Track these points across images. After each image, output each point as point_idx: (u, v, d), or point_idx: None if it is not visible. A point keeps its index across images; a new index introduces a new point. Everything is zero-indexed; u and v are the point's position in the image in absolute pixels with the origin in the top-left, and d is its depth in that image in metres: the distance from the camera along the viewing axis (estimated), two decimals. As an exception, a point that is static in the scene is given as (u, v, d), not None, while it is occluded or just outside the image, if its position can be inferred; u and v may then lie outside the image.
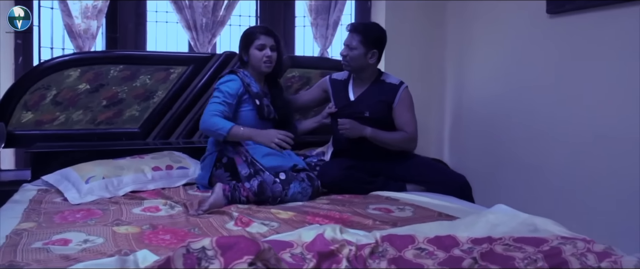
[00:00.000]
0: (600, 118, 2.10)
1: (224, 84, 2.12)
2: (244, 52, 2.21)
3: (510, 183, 2.54)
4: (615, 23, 2.02)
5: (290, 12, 3.33)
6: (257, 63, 2.19)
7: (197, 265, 1.10)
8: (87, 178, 1.98)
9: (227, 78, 2.14)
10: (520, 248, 1.43)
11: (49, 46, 2.91)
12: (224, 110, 2.07)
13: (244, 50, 2.21)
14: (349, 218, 1.71)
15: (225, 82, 2.13)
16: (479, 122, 2.75)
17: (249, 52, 2.19)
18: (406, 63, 2.95)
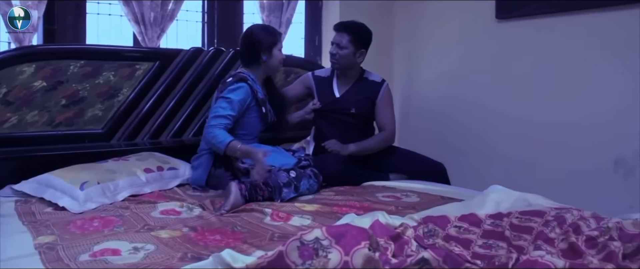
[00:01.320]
0: (543, 112, 2.51)
1: (234, 92, 2.05)
2: (266, 51, 2.14)
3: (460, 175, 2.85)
4: (558, 29, 2.43)
5: (239, 9, 3.29)
6: (276, 65, 2.18)
7: (315, 255, 1.14)
8: (80, 184, 1.80)
9: (238, 86, 2.07)
10: (530, 219, 1.68)
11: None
12: (227, 123, 2.02)
13: (267, 50, 2.14)
14: (370, 206, 1.83)
15: (235, 89, 2.06)
16: (428, 119, 3.02)
17: (272, 52, 2.15)
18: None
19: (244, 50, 2.19)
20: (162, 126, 2.52)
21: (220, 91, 2.11)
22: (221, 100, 2.05)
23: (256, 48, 2.14)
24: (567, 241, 1.43)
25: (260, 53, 2.14)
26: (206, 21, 3.24)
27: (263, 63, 2.16)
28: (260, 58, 2.15)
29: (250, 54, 2.16)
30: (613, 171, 2.28)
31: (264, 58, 2.15)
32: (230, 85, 2.07)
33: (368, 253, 1.14)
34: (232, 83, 2.08)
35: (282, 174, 1.96)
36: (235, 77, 2.10)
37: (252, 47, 2.15)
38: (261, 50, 2.13)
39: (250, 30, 2.20)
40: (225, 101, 2.04)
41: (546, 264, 1.15)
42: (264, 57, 2.14)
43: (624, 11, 2.21)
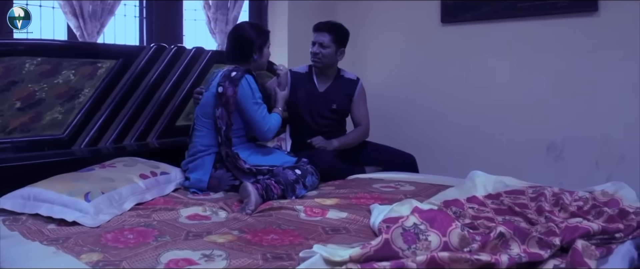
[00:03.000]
0: (483, 106, 2.87)
1: (255, 89, 2.06)
2: (257, 50, 2.11)
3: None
4: (495, 33, 2.80)
5: (178, 5, 3.11)
6: (265, 63, 2.19)
7: (417, 239, 1.23)
8: (84, 196, 1.60)
9: (252, 81, 2.07)
10: (517, 197, 1.95)
11: None
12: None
13: (259, 48, 2.12)
14: (380, 196, 1.94)
15: (253, 84, 2.06)
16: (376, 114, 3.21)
17: (263, 51, 2.14)
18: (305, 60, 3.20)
19: (234, 47, 2.14)
20: (125, 129, 2.32)
21: (227, 87, 2.01)
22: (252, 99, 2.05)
23: (248, 46, 2.11)
24: (567, 211, 1.71)
25: (251, 52, 2.12)
26: (145, 16, 3.02)
27: (253, 62, 2.14)
28: (251, 56, 2.12)
29: (241, 52, 2.12)
30: (545, 154, 2.72)
31: (254, 57, 2.13)
32: (239, 79, 2.02)
33: (461, 232, 1.26)
34: (240, 78, 2.02)
35: (288, 172, 1.97)
36: (239, 70, 2.05)
37: (243, 45, 2.11)
38: (253, 49, 2.11)
39: (241, 29, 2.16)
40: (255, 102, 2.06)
41: (586, 228, 1.39)
42: (255, 56, 2.13)
43: (549, 20, 2.65)
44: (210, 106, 2.04)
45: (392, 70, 3.22)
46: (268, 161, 2.06)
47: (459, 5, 2.86)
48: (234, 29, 2.20)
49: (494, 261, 1.16)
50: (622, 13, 2.43)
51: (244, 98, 2.01)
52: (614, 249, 1.40)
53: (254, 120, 2.04)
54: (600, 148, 2.55)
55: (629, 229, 1.49)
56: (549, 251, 1.32)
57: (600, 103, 2.54)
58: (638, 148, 2.44)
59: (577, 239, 1.35)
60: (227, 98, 1.98)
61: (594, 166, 2.58)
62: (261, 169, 2.02)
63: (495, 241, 1.29)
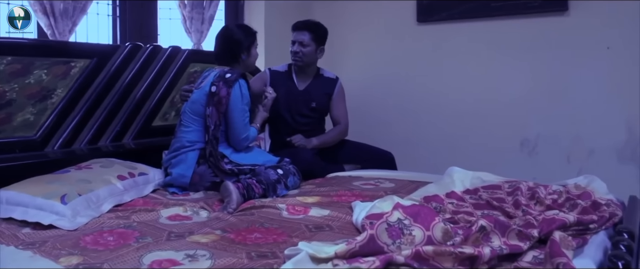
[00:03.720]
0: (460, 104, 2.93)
1: (246, 96, 2.07)
2: (245, 51, 2.12)
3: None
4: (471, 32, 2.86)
5: (153, 4, 3.06)
6: (252, 63, 2.19)
7: (402, 234, 1.24)
8: (60, 198, 1.56)
9: (245, 86, 2.08)
10: (494, 192, 1.99)
11: None
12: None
13: (247, 49, 2.13)
14: (361, 193, 1.96)
15: (245, 90, 2.07)
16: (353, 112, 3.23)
17: (251, 52, 2.15)
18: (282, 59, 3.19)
19: (223, 49, 2.15)
20: (100, 130, 2.27)
21: (221, 87, 2.01)
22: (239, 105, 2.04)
23: (236, 48, 2.12)
24: (543, 204, 1.76)
25: (239, 53, 2.13)
26: (118, 15, 2.96)
27: (242, 62, 2.15)
28: (239, 57, 2.13)
29: (229, 53, 2.14)
30: (519, 150, 2.79)
31: (243, 58, 2.14)
32: (234, 81, 2.03)
33: (444, 226, 1.28)
34: (235, 80, 2.04)
35: (270, 172, 1.97)
36: (234, 73, 2.06)
37: (232, 46, 2.13)
38: (241, 50, 2.12)
39: (229, 30, 2.19)
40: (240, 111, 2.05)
41: (563, 220, 1.43)
42: (243, 56, 2.14)
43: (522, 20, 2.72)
44: (201, 104, 2.04)
45: (369, 69, 3.25)
46: (250, 160, 2.05)
47: (434, 5, 2.91)
48: (221, 30, 2.22)
49: (477, 254, 1.18)
50: (591, 12, 2.51)
51: (233, 101, 2.02)
52: (589, 240, 1.44)
53: (236, 124, 2.04)
54: (571, 143, 2.63)
55: (601, 220, 1.54)
56: (528, 243, 1.36)
57: (571, 101, 2.62)
58: (606, 143, 2.53)
59: (554, 230, 1.39)
60: (220, 98, 1.99)
61: (565, 161, 2.66)
62: (243, 168, 2.01)
63: (476, 235, 1.32)
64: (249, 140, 2.10)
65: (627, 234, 1.44)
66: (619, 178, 2.49)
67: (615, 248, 1.34)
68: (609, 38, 2.48)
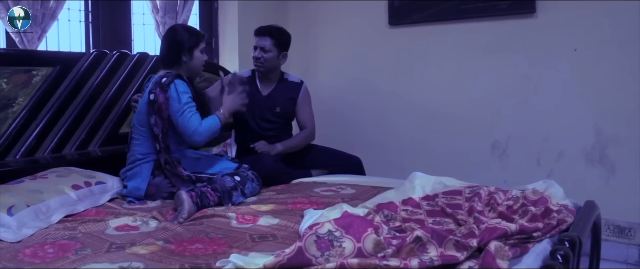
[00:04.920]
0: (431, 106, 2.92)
1: (183, 91, 1.99)
2: (187, 53, 2.07)
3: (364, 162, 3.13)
4: (442, 35, 2.85)
5: (126, 8, 3.07)
6: (198, 67, 2.12)
7: (331, 246, 1.24)
8: (6, 209, 1.57)
9: (182, 84, 2.00)
10: (453, 197, 1.99)
11: None
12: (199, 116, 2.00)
13: (188, 51, 2.07)
14: (318, 200, 1.96)
15: (180, 87, 1.99)
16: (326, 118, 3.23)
17: (193, 54, 2.09)
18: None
19: (165, 50, 2.11)
20: (64, 138, 2.28)
21: (155, 92, 1.97)
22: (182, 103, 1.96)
23: (177, 49, 2.07)
24: (495, 211, 1.75)
25: (180, 55, 2.07)
26: (91, 21, 2.96)
27: (183, 64, 2.09)
28: (180, 59, 2.08)
29: (171, 55, 2.09)
30: (490, 153, 2.77)
31: (184, 59, 2.08)
32: (168, 84, 1.97)
33: (376, 237, 1.28)
34: (169, 83, 1.97)
35: (227, 179, 1.96)
36: (169, 76, 2.00)
37: (173, 47, 2.08)
38: (182, 51, 2.07)
39: (173, 30, 2.13)
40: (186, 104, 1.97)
41: (504, 229, 1.43)
42: (184, 58, 2.08)
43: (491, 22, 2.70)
44: (144, 114, 2.02)
45: (342, 71, 3.25)
46: (208, 168, 2.06)
47: (405, 7, 2.90)
48: (166, 31, 2.17)
49: (402, 267, 1.18)
50: (558, 14, 2.49)
51: (171, 103, 1.97)
52: (531, 248, 1.44)
53: (177, 124, 1.98)
54: (540, 145, 2.62)
55: (547, 228, 1.53)
56: (466, 253, 1.35)
57: (540, 102, 2.61)
58: (575, 145, 2.51)
59: (493, 240, 1.39)
60: (160, 105, 1.96)
61: (535, 163, 2.65)
62: (201, 176, 2.01)
63: (411, 245, 1.32)
64: (202, 133, 1.97)
65: (569, 242, 1.44)
66: (587, 179, 2.49)
67: (552, 257, 1.34)
68: (575, 40, 2.46)
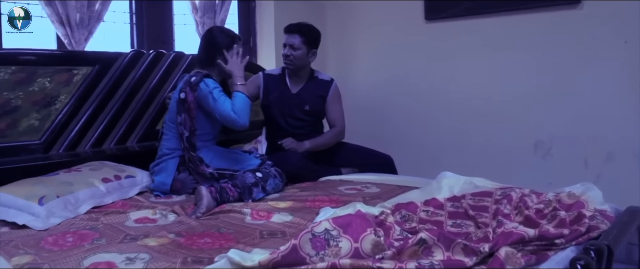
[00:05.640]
0: (471, 104, 2.79)
1: (211, 85, 2.04)
2: (220, 55, 2.12)
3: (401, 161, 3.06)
4: (480, 29, 2.72)
5: (168, 9, 3.19)
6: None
7: (327, 245, 1.22)
8: (38, 200, 1.67)
9: (211, 81, 2.06)
10: (481, 199, 1.89)
11: None
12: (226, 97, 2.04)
13: (221, 54, 2.12)
14: (339, 198, 1.93)
15: (212, 83, 2.05)
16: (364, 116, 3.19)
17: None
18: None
19: (202, 51, 2.17)
20: (104, 133, 2.40)
21: (185, 91, 2.04)
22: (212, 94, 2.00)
23: (213, 50, 2.12)
24: (522, 214, 1.64)
25: (215, 56, 2.12)
26: (135, 22, 3.10)
27: (218, 66, 2.14)
28: (215, 60, 2.13)
29: (207, 56, 2.14)
30: (533, 153, 2.62)
31: (218, 61, 2.14)
32: (197, 83, 2.03)
33: (375, 238, 1.24)
34: (198, 82, 2.03)
35: (248, 175, 1.99)
36: (198, 75, 2.06)
37: (210, 49, 2.13)
38: (217, 53, 2.12)
39: (209, 32, 2.20)
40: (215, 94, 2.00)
41: (521, 234, 1.34)
42: (218, 60, 2.13)
43: (532, 14, 2.54)
44: (174, 112, 2.08)
45: (378, 68, 3.19)
46: (231, 165, 2.09)
47: (442, 1, 2.79)
48: (204, 32, 2.23)
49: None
50: (606, 5, 2.30)
51: (203, 99, 2.02)
52: (550, 257, 1.34)
53: (218, 114, 2.00)
54: (588, 146, 2.44)
55: (573, 234, 1.42)
56: (475, 258, 1.27)
57: (587, 100, 2.42)
58: (626, 146, 2.31)
59: (508, 245, 1.30)
60: (189, 104, 2.02)
61: (582, 165, 2.47)
62: (224, 173, 2.04)
63: (414, 248, 1.26)
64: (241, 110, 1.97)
65: (595, 251, 1.32)
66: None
67: (571, 267, 1.23)
68: (625, 31, 2.26)
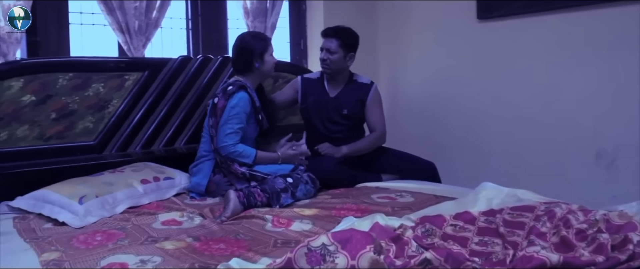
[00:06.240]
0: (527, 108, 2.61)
1: (239, 106, 2.07)
2: (258, 58, 2.17)
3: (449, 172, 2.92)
4: (535, 28, 2.52)
5: (223, 14, 3.30)
6: (269, 70, 2.22)
7: (322, 261, 1.18)
8: (78, 199, 1.80)
9: (240, 97, 2.09)
10: (521, 214, 1.74)
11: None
12: (240, 137, 2.09)
13: (259, 56, 2.17)
14: (367, 208, 1.88)
15: (239, 101, 2.08)
16: (415, 119, 3.09)
17: (264, 58, 2.18)
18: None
19: (236, 58, 2.22)
20: (153, 135, 2.53)
21: (219, 97, 2.11)
22: (229, 114, 2.06)
23: (248, 55, 2.16)
24: (559, 235, 1.49)
25: (252, 61, 2.16)
26: (191, 28, 3.24)
27: (256, 70, 2.19)
28: (253, 65, 2.17)
29: (244, 62, 2.18)
30: (595, 163, 2.38)
31: (256, 65, 2.17)
32: (232, 94, 2.09)
33: (373, 256, 1.18)
34: (233, 93, 2.09)
35: (278, 180, 1.99)
36: (235, 85, 2.12)
37: (245, 54, 2.17)
38: (253, 58, 2.16)
39: (241, 39, 2.23)
40: (233, 118, 2.06)
41: (541, 259, 1.22)
42: (256, 64, 2.17)
43: (605, 9, 2.30)
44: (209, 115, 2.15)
45: (429, 71, 3.07)
46: (263, 168, 2.11)
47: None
48: (235, 40, 2.27)
49: (390, 291, 1.08)
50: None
51: (227, 109, 2.07)
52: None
53: (219, 132, 2.07)
54: (659, 157, 2.16)
55: (609, 262, 1.27)
56: (485, 283, 1.19)
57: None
58: None
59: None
60: (219, 109, 2.08)
61: (653, 179, 2.20)
62: (255, 175, 2.07)
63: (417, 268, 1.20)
64: (230, 150, 2.04)
65: (630, 283, 1.17)
66: None
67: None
68: None
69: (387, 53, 3.20)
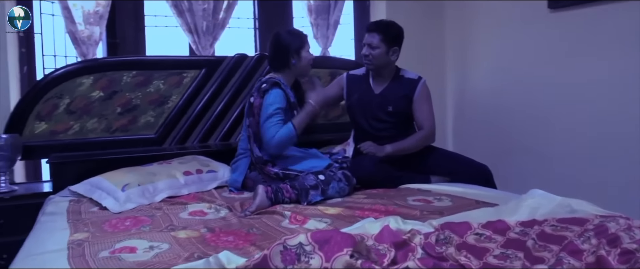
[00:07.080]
0: (599, 107, 2.27)
1: (277, 102, 2.09)
2: (294, 55, 2.18)
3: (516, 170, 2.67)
4: (614, 17, 2.19)
5: (288, 13, 3.36)
6: (307, 66, 2.22)
7: (297, 261, 1.14)
8: (122, 186, 1.96)
9: (276, 94, 2.11)
10: (567, 227, 1.53)
11: (51, 54, 2.82)
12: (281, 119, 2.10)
13: (296, 53, 2.18)
14: (395, 210, 1.78)
15: (276, 97, 2.10)
16: (483, 114, 2.88)
17: (301, 55, 2.19)
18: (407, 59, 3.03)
19: (273, 55, 2.23)
20: (210, 130, 2.65)
21: (254, 95, 2.15)
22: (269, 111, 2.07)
23: (285, 52, 2.17)
24: (596, 254, 1.29)
25: (289, 58, 2.17)
26: (257, 27, 3.35)
27: (292, 67, 2.19)
28: (289, 62, 2.18)
29: (280, 59, 2.20)
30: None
31: (293, 62, 2.18)
32: (266, 91, 2.11)
33: (349, 260, 1.12)
34: (267, 90, 2.11)
35: (309, 177, 1.97)
36: (269, 82, 2.13)
37: (281, 51, 2.18)
38: (290, 54, 2.16)
39: (277, 36, 2.24)
40: (271, 115, 2.07)
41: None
42: (293, 60, 2.17)
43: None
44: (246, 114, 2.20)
45: (498, 68, 2.83)
46: (297, 165, 2.10)
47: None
48: (271, 37, 2.28)
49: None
50: None
51: (264, 107, 2.09)
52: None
53: (261, 129, 2.08)
54: None
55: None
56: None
57: None
58: None
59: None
60: (255, 108, 2.11)
61: None
62: (289, 174, 2.07)
63: (396, 277, 1.10)
64: (277, 142, 2.03)
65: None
66: None
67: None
68: None
69: (455, 50, 3.01)
